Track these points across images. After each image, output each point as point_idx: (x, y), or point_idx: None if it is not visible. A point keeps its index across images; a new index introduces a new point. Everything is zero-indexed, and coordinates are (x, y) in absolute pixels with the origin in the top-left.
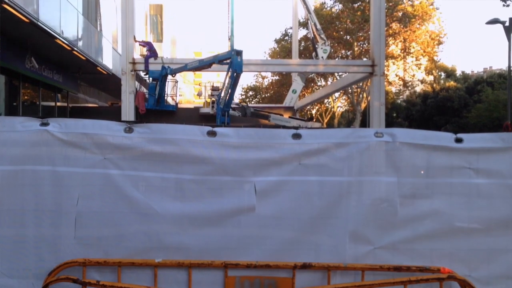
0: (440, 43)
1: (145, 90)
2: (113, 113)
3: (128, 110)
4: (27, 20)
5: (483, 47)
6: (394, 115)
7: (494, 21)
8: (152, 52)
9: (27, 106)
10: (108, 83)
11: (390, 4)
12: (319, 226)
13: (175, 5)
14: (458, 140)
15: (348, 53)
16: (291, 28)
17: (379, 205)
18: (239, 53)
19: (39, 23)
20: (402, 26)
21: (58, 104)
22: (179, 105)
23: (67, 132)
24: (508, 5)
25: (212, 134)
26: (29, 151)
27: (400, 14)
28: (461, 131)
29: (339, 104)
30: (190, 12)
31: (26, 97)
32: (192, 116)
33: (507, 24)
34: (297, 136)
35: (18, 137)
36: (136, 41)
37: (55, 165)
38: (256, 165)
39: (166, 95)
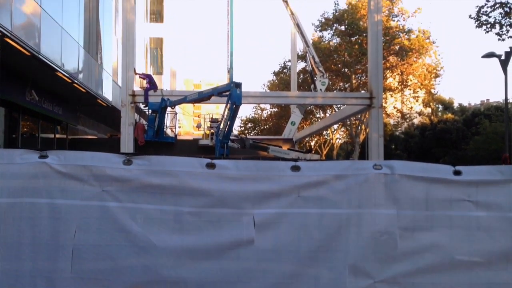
0: (437, 76)
1: (144, 122)
2: (112, 145)
3: (127, 142)
4: (28, 53)
5: (480, 80)
6: (393, 147)
7: (490, 55)
8: (152, 85)
9: (26, 138)
10: (108, 115)
11: (387, 38)
12: (319, 259)
13: (175, 38)
14: (457, 173)
15: (346, 85)
16: (289, 60)
17: (379, 238)
18: (238, 85)
19: (40, 56)
20: (399, 59)
21: (58, 136)
22: (178, 137)
23: (66, 164)
24: (503, 40)
25: (211, 166)
26: (27, 184)
27: (397, 47)
28: (459, 163)
29: (338, 136)
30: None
31: (25, 129)
32: (191, 148)
33: (503, 57)
34: (296, 168)
35: (17, 170)
36: (136, 73)
37: (53, 198)
38: (255, 197)
39: (165, 127)
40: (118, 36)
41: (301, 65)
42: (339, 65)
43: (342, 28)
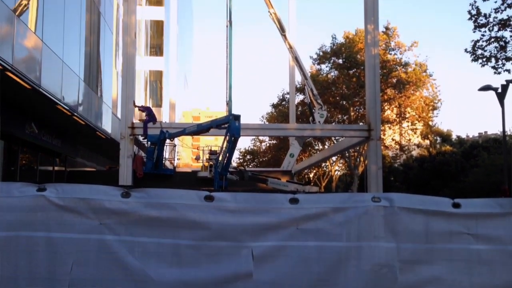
0: (434, 108)
1: (143, 154)
2: (111, 177)
3: (126, 174)
4: (29, 87)
5: (477, 112)
6: (392, 179)
7: (487, 88)
8: (151, 117)
9: (25, 170)
10: (107, 147)
11: (385, 71)
12: None
13: (175, 71)
14: (456, 205)
15: (345, 117)
16: (288, 93)
17: (379, 271)
18: (237, 117)
19: (40, 89)
20: (397, 92)
21: (56, 168)
22: (177, 169)
23: (64, 197)
24: (499, 73)
25: (209, 198)
26: (25, 217)
27: (394, 80)
28: (459, 196)
29: (337, 168)
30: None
31: (24, 162)
32: (190, 180)
33: (499, 90)
34: (294, 201)
35: (15, 203)
36: (135, 106)
37: (50, 231)
38: (253, 230)
39: (164, 159)
40: (118, 69)
41: (299, 97)
42: (337, 98)
43: (340, 61)
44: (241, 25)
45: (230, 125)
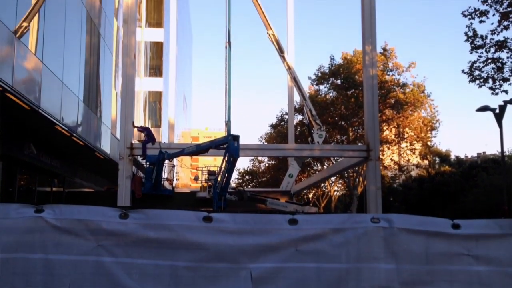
0: (433, 128)
1: (141, 175)
2: (109, 198)
3: (124, 195)
4: (28, 108)
5: (476, 132)
6: (391, 199)
7: (484, 109)
8: (150, 138)
9: (23, 191)
10: (106, 168)
11: (383, 91)
12: None
13: (174, 91)
14: (456, 226)
15: (343, 138)
16: (286, 113)
17: None
18: (236, 138)
19: (40, 111)
20: (395, 113)
21: (54, 189)
22: (176, 189)
23: (61, 218)
24: (497, 94)
25: (208, 219)
26: (22, 239)
27: (392, 101)
28: (458, 216)
29: (336, 188)
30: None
31: (22, 183)
32: (189, 201)
33: (497, 111)
34: (293, 222)
35: (12, 224)
36: (134, 126)
37: (47, 253)
38: (252, 251)
39: (162, 180)
40: (117, 90)
41: (298, 117)
42: (336, 118)
43: (338, 81)
44: (240, 46)
45: (229, 146)
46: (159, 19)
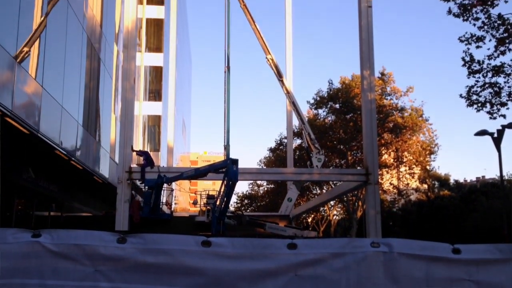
0: (431, 153)
1: (140, 199)
2: (108, 222)
3: (122, 219)
4: (27, 132)
5: (474, 156)
6: (391, 223)
7: (483, 133)
8: (148, 162)
9: (21, 216)
10: (104, 192)
11: (381, 115)
12: None
13: (173, 115)
14: (456, 251)
15: (342, 162)
16: (285, 137)
17: None
18: (234, 162)
19: (39, 135)
20: (393, 137)
21: (52, 213)
22: (174, 214)
23: (59, 243)
24: (495, 118)
25: (206, 244)
26: (19, 264)
27: (391, 125)
28: (458, 241)
29: (335, 213)
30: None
31: (20, 207)
32: (187, 225)
33: (495, 135)
34: (292, 246)
35: (8, 249)
36: (133, 150)
37: (44, 278)
38: (251, 277)
39: (161, 204)
40: (117, 114)
41: (297, 141)
42: (335, 142)
43: (337, 106)
44: (239, 70)
45: (228, 170)
46: (158, 44)
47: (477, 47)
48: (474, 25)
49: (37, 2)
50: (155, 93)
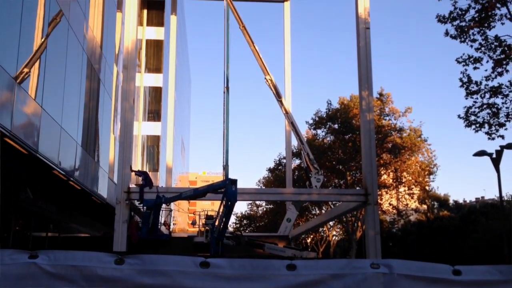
0: (430, 173)
1: (139, 219)
2: (105, 243)
3: (120, 240)
4: (26, 152)
5: (473, 176)
6: (390, 244)
7: (481, 153)
8: (147, 182)
9: (18, 237)
10: (102, 212)
11: (380, 136)
12: None
13: (172, 135)
14: (456, 272)
15: (341, 182)
16: (284, 157)
17: None
18: (233, 182)
19: (37, 155)
20: (392, 157)
21: (50, 234)
22: (173, 234)
23: (56, 264)
24: (493, 139)
25: (205, 265)
26: (15, 285)
27: (389, 145)
28: (458, 262)
29: (334, 233)
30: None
31: (17, 228)
32: (186, 246)
33: (494, 156)
34: (292, 267)
35: (5, 271)
36: (132, 171)
37: None
38: None
39: (160, 224)
40: (116, 134)
41: (296, 162)
42: (334, 162)
43: (336, 126)
44: (238, 91)
45: (226, 190)
46: (158, 64)
47: (475, 68)
48: (471, 46)
49: (38, 24)
50: (154, 114)
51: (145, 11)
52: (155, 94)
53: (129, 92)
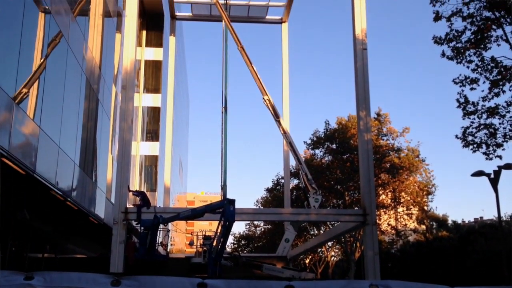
0: (429, 193)
1: (136, 240)
2: (102, 264)
3: (117, 261)
4: (23, 172)
5: (472, 196)
6: (389, 265)
7: (479, 174)
8: (144, 202)
9: (14, 258)
10: (99, 233)
11: (378, 156)
12: None
13: (170, 155)
14: None
15: (340, 202)
16: (282, 177)
17: None
18: (231, 202)
19: (35, 175)
20: (390, 177)
21: (46, 255)
22: (170, 255)
23: (51, 286)
24: (491, 159)
25: (202, 286)
26: None
27: (388, 165)
28: (457, 282)
29: (333, 254)
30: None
31: (14, 249)
32: (183, 266)
33: (492, 176)
34: None
35: None
36: (129, 191)
37: None
38: None
39: (157, 245)
40: (114, 155)
41: (294, 182)
42: (332, 182)
43: (334, 146)
44: (236, 110)
45: (224, 210)
46: (157, 85)
47: (471, 89)
48: (468, 67)
49: (37, 44)
50: (152, 134)
51: (144, 32)
52: (153, 114)
53: (128, 112)
